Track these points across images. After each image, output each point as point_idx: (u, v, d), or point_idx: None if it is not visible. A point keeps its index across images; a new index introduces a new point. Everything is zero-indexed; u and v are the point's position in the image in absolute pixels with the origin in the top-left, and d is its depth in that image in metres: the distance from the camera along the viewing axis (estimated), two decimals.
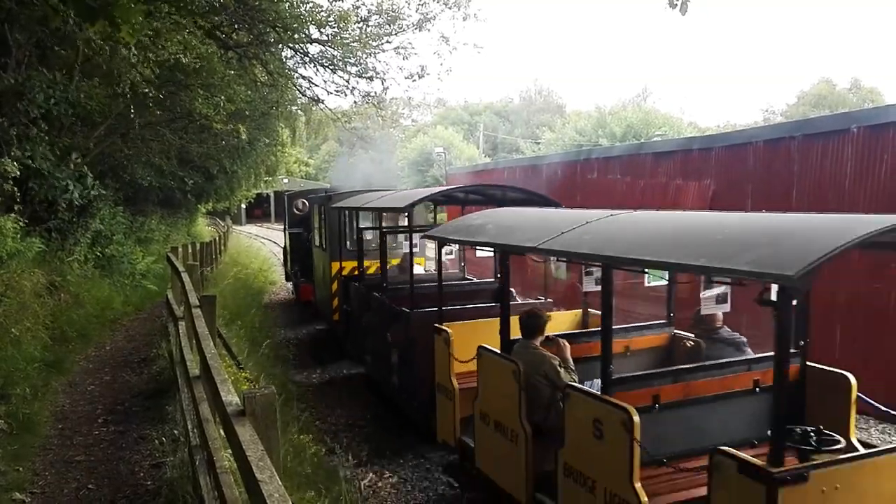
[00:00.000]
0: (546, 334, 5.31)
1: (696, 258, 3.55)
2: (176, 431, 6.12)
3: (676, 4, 5.95)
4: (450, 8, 16.06)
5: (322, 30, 14.99)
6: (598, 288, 4.76)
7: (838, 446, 3.49)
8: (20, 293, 9.15)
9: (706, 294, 4.95)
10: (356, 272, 10.52)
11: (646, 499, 3.74)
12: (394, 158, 59.63)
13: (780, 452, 3.18)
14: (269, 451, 2.51)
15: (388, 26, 15.77)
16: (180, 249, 13.68)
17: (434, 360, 6.65)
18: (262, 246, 36.38)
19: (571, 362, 5.11)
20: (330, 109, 18.74)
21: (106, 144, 14.49)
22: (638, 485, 3.77)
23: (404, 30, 15.99)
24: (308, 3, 14.60)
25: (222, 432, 3.69)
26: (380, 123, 20.99)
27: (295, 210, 17.44)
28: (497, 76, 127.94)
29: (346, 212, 11.82)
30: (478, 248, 7.23)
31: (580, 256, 4.53)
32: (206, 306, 5.66)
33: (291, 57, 16.72)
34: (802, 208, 11.44)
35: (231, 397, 3.08)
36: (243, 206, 57.68)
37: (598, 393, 4.16)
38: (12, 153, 9.31)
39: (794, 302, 3.78)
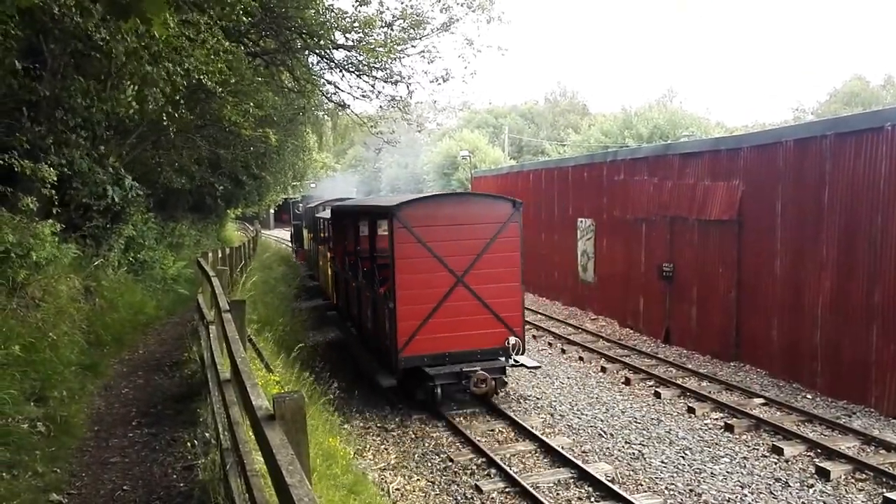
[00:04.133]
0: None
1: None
2: (207, 434, 6.21)
3: None
4: (473, 11, 16.08)
5: (347, 35, 15.11)
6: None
7: None
8: (57, 298, 9.37)
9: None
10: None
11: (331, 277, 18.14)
12: (419, 162, 59.83)
13: None
14: (298, 454, 2.54)
15: (412, 30, 15.82)
16: (210, 254, 13.89)
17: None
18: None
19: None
20: (356, 114, 18.86)
21: (138, 151, 14.78)
22: (328, 269, 18.58)
23: (428, 34, 16.05)
24: (333, 9, 14.74)
25: (252, 435, 3.74)
26: (405, 128, 21.07)
27: (296, 210, 32.97)
28: (521, 78, 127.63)
29: (308, 209, 26.66)
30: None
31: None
32: (236, 311, 5.73)
33: (317, 63, 16.90)
34: (835, 208, 11.23)
35: (261, 401, 3.11)
36: (272, 210, 58.40)
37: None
38: (49, 160, 9.54)
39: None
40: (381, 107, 18.26)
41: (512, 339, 10.74)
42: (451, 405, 10.93)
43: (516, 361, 10.89)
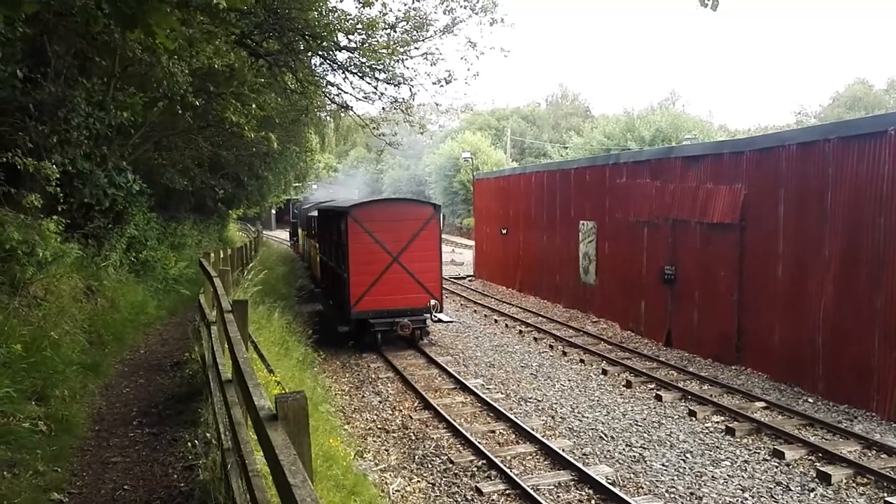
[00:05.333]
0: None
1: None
2: (208, 434, 6.21)
3: (707, 3, 5.89)
4: (476, 13, 16.07)
5: (350, 37, 15.10)
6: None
7: None
8: (59, 297, 9.39)
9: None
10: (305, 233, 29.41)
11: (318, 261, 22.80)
12: (422, 164, 59.98)
13: None
14: (300, 455, 2.55)
15: (415, 32, 15.81)
16: (212, 255, 13.90)
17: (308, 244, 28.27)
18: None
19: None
20: (358, 116, 18.83)
21: (140, 152, 14.79)
22: (317, 257, 22.75)
23: (431, 36, 16.04)
24: (336, 11, 14.75)
25: (254, 436, 3.74)
26: (408, 129, 21.05)
27: (294, 211, 38.14)
28: (524, 80, 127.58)
29: (303, 209, 31.67)
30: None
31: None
32: (238, 311, 5.73)
33: (320, 64, 16.89)
34: (838, 212, 11.23)
35: (263, 402, 3.12)
36: (273, 211, 58.46)
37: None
38: (53, 158, 9.56)
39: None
40: (383, 108, 18.22)
41: (432, 301, 15.16)
42: (453, 410, 10.94)
43: (436, 317, 15.15)
